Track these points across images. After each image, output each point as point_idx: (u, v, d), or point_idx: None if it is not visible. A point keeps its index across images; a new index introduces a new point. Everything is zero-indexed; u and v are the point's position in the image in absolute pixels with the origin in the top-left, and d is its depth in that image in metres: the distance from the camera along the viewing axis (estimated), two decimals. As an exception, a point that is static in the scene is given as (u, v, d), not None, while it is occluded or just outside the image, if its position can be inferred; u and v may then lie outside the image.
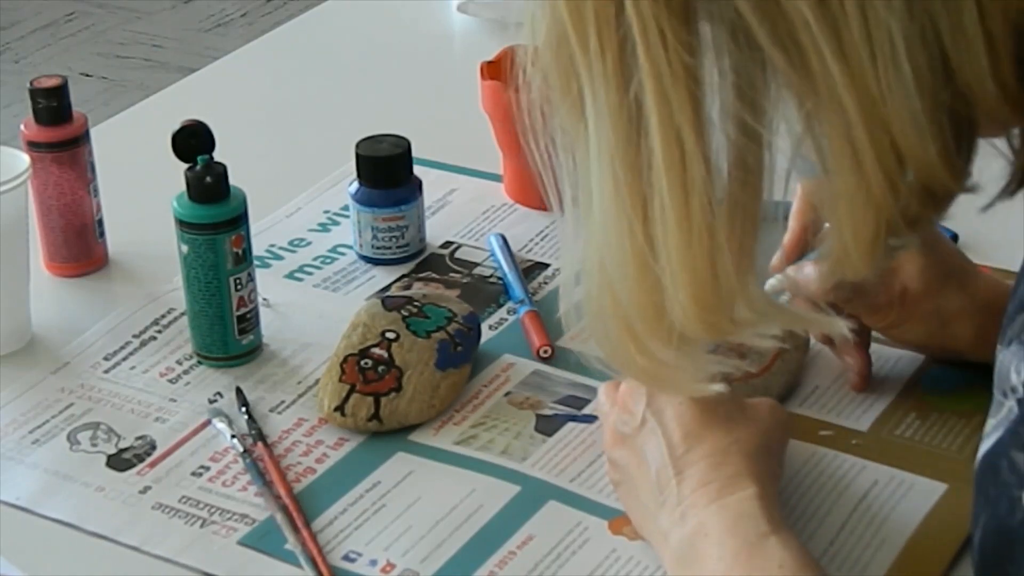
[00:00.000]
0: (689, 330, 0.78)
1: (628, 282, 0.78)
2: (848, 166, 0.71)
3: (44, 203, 1.25)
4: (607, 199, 0.76)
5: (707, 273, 0.75)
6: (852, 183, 0.71)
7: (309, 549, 0.98)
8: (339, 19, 1.72)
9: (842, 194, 0.72)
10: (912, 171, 0.71)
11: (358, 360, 1.10)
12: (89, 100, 3.32)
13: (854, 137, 0.70)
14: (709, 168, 0.73)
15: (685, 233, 0.74)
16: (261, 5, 3.89)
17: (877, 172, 0.71)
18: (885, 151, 0.70)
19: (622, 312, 0.79)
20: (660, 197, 0.74)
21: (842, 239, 0.74)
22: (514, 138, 1.33)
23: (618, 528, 0.99)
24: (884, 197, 0.71)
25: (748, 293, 0.77)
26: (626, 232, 0.76)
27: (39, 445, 1.09)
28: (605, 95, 0.73)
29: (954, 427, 1.06)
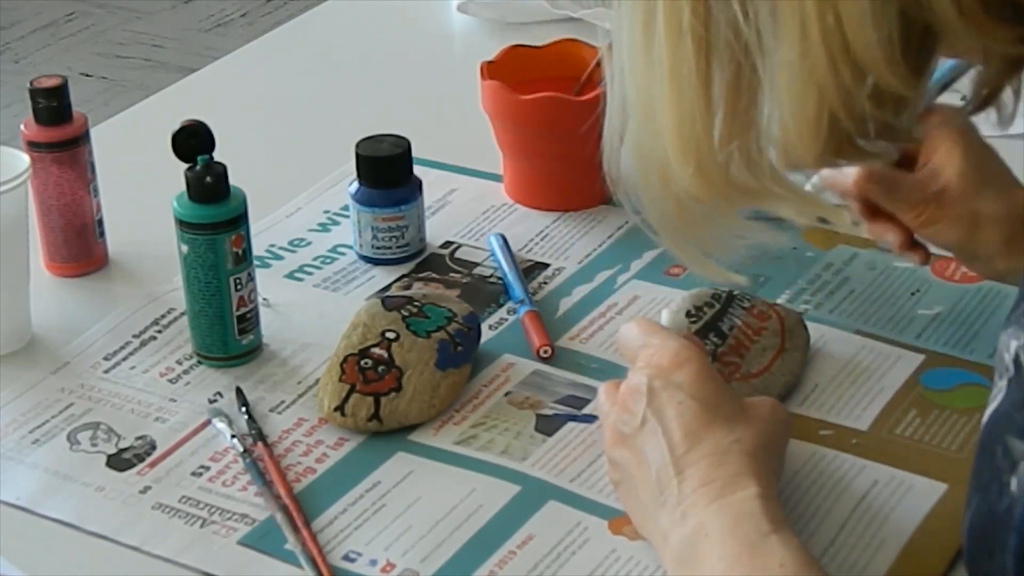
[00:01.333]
0: (684, 181, 0.79)
1: (643, 128, 0.80)
2: (795, 39, 0.72)
3: (44, 203, 1.25)
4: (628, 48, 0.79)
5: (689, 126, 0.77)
6: (796, 57, 0.72)
7: (309, 549, 0.98)
8: (339, 19, 1.72)
9: (785, 66, 0.73)
10: (856, 60, 0.71)
11: (358, 360, 1.10)
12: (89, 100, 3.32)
13: (804, 9, 0.71)
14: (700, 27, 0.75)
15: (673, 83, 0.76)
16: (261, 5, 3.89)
17: (820, 49, 0.71)
18: (831, 29, 0.71)
19: (648, 159, 0.82)
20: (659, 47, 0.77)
21: (783, 118, 0.75)
22: (514, 138, 1.33)
23: (618, 528, 0.99)
24: (827, 79, 0.72)
25: (747, 158, 0.78)
26: (638, 79, 0.79)
27: (39, 445, 1.09)
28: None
29: (954, 425, 1.06)
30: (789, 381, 1.10)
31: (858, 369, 1.12)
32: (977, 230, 1.09)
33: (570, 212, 1.32)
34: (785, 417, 0.99)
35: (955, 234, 1.10)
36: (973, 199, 1.08)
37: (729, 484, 0.91)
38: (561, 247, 1.29)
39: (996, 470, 0.77)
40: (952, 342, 1.14)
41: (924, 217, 1.09)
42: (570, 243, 1.29)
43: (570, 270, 1.25)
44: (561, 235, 1.30)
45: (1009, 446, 0.77)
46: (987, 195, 1.08)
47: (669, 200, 0.83)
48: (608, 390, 1.00)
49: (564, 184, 1.32)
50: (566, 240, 1.29)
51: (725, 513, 0.90)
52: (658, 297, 1.21)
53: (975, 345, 1.14)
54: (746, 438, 0.94)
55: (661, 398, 0.95)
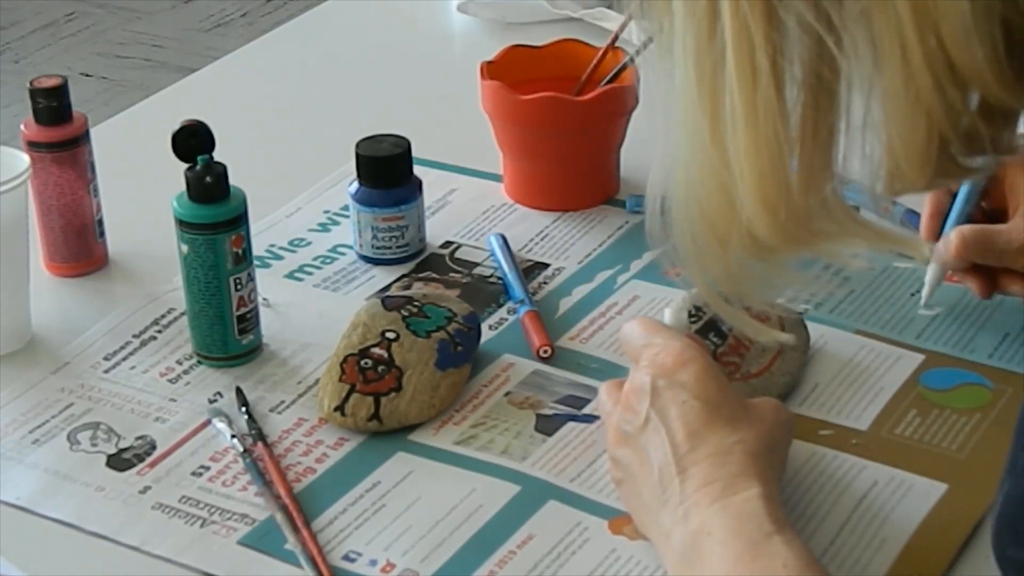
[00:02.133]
0: (762, 235, 0.77)
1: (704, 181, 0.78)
2: (897, 64, 0.70)
3: (44, 203, 1.25)
4: (685, 97, 0.76)
5: (773, 176, 0.75)
6: (900, 82, 0.71)
7: (309, 549, 0.98)
8: (339, 19, 1.72)
9: (890, 94, 0.71)
10: (962, 78, 0.70)
11: (358, 360, 1.10)
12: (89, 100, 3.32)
13: (903, 35, 0.70)
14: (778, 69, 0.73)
15: (752, 129, 0.74)
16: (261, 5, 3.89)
17: (924, 73, 0.70)
18: (933, 52, 0.69)
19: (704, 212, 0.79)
20: (730, 93, 0.74)
21: (891, 145, 0.73)
22: (514, 138, 1.33)
23: (618, 528, 0.99)
24: (933, 101, 0.71)
25: (825, 202, 0.76)
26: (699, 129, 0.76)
27: (39, 445, 1.09)
28: None
29: (954, 425, 1.06)
30: (789, 381, 1.10)
31: (858, 369, 1.12)
32: None
33: (570, 212, 1.32)
34: (788, 418, 0.99)
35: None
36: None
37: (731, 484, 0.91)
38: (561, 247, 1.29)
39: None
40: (952, 342, 1.14)
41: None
42: (570, 243, 1.29)
43: (570, 270, 1.25)
44: (561, 235, 1.30)
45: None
46: None
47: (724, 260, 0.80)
48: (610, 389, 1.00)
49: (564, 184, 1.32)
50: (566, 240, 1.29)
51: (728, 513, 0.90)
52: (658, 297, 1.21)
53: (975, 345, 1.14)
54: (749, 438, 0.94)
55: (664, 397, 0.95)
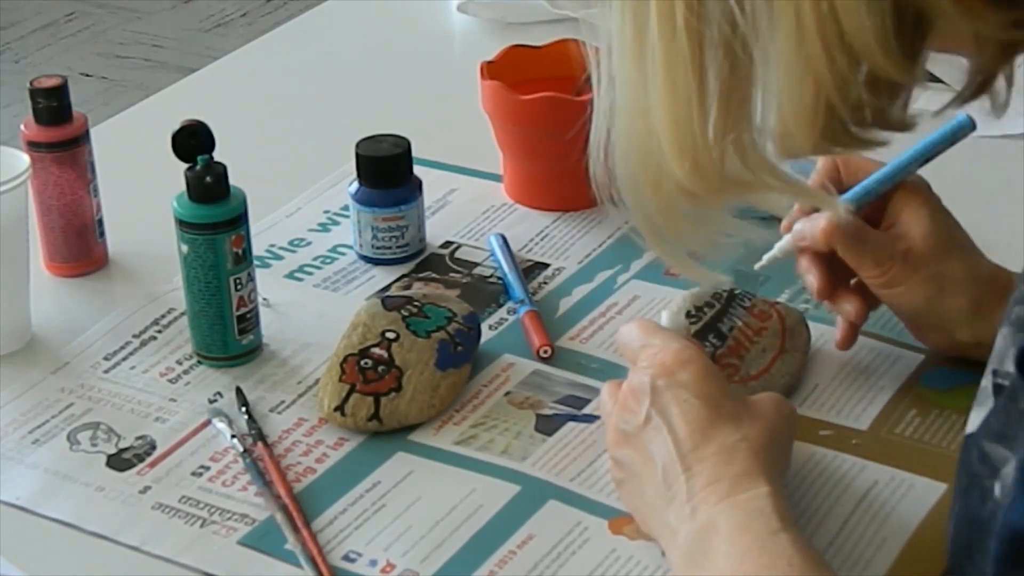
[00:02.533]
0: (679, 177, 0.79)
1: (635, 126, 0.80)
2: (791, 27, 0.72)
3: (44, 203, 1.25)
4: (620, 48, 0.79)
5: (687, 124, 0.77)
6: (792, 45, 0.72)
7: (309, 549, 0.98)
8: (339, 19, 1.72)
9: (782, 56, 0.73)
10: (852, 46, 0.71)
11: (358, 360, 1.10)
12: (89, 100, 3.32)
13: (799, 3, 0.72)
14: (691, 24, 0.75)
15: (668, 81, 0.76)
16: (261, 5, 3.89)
17: (815, 38, 0.71)
18: (825, 18, 0.71)
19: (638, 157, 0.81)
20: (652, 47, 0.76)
21: (781, 106, 0.75)
22: (514, 138, 1.33)
23: (618, 528, 0.99)
24: (822, 67, 0.72)
25: (743, 152, 0.78)
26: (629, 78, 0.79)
27: (39, 445, 1.09)
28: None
29: (954, 425, 1.06)
30: (789, 382, 1.10)
31: (858, 369, 1.12)
32: (941, 294, 1.07)
33: (570, 212, 1.32)
34: (790, 412, 0.99)
35: (919, 296, 1.07)
36: (938, 261, 1.07)
37: (738, 482, 0.91)
38: (561, 247, 1.29)
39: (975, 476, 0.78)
40: (952, 342, 1.14)
41: (888, 276, 1.07)
42: (570, 243, 1.29)
43: (570, 270, 1.25)
44: (561, 235, 1.30)
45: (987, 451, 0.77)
46: (952, 258, 1.07)
47: (658, 201, 0.82)
48: (610, 389, 1.01)
49: (564, 184, 1.32)
50: (566, 240, 1.29)
51: (735, 511, 0.90)
52: (658, 297, 1.21)
53: (975, 345, 1.14)
54: (752, 436, 0.94)
55: (665, 397, 0.95)
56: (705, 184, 0.79)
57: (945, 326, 1.09)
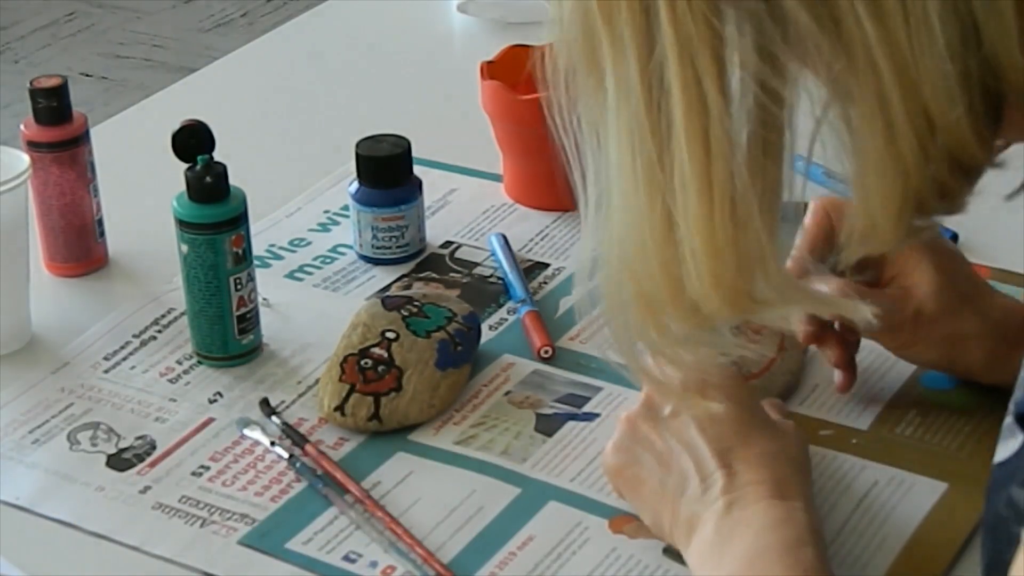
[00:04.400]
0: (708, 306, 0.76)
1: (648, 257, 0.77)
2: (879, 129, 0.71)
3: (44, 203, 1.25)
4: (626, 172, 0.75)
5: (727, 245, 0.74)
6: (882, 147, 0.71)
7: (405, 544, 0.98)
8: (339, 19, 1.72)
9: (871, 160, 0.72)
10: (941, 138, 0.70)
11: (358, 360, 1.10)
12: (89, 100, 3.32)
13: (886, 99, 0.70)
14: (731, 136, 0.72)
15: (707, 202, 0.73)
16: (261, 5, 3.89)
17: (909, 135, 0.70)
18: (917, 114, 0.70)
19: (641, 289, 0.78)
20: (681, 165, 0.73)
21: (869, 209, 0.73)
22: (514, 138, 1.33)
23: (618, 527, 0.99)
24: (914, 163, 0.71)
25: (768, 270, 0.76)
26: (645, 205, 0.75)
27: (39, 445, 1.09)
28: (627, 65, 0.73)
29: (954, 425, 1.06)
30: (789, 381, 1.10)
31: (858, 369, 1.12)
32: (955, 350, 1.05)
33: (570, 212, 1.32)
34: (806, 439, 1.00)
35: (935, 355, 1.06)
36: (951, 320, 1.04)
37: (779, 488, 0.92)
38: (561, 247, 1.29)
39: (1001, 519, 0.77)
40: (952, 342, 1.14)
41: (900, 341, 1.05)
42: (570, 243, 1.29)
43: (570, 270, 1.25)
44: (561, 235, 1.30)
45: (1013, 496, 0.76)
46: (965, 314, 1.04)
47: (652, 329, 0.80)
48: None
49: (564, 184, 1.31)
50: (566, 240, 1.29)
51: (770, 512, 0.90)
52: (658, 297, 1.21)
53: (975, 345, 1.14)
54: (789, 448, 0.95)
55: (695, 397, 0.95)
56: (735, 308, 0.77)
57: (965, 373, 1.07)
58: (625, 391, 1.10)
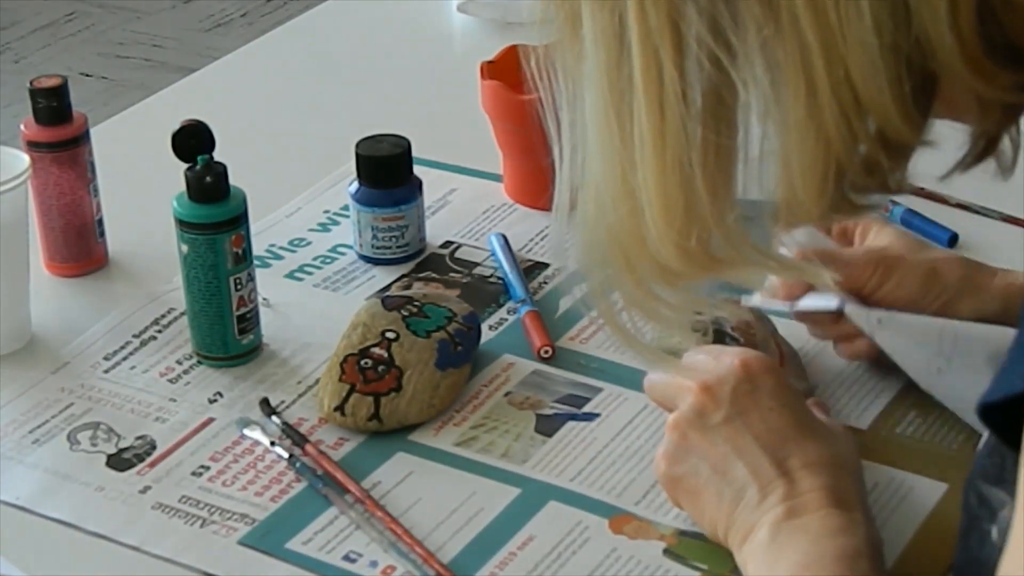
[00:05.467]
0: (666, 258, 0.77)
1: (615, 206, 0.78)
2: (802, 94, 0.71)
3: (44, 203, 1.25)
4: (596, 121, 0.76)
5: (679, 200, 0.75)
6: (804, 113, 0.71)
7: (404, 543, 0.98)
8: (339, 19, 1.72)
9: (793, 125, 0.72)
10: (867, 112, 0.71)
11: (358, 360, 1.10)
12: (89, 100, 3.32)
13: (811, 66, 0.70)
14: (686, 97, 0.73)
15: (659, 157, 0.74)
16: (261, 5, 3.88)
17: (832, 105, 0.71)
18: (840, 84, 0.70)
19: (613, 236, 0.79)
20: (639, 120, 0.74)
21: (789, 174, 0.74)
22: (514, 138, 1.33)
23: (618, 527, 0.99)
24: (836, 133, 0.71)
25: (726, 228, 0.77)
26: (610, 154, 0.76)
27: (39, 445, 1.09)
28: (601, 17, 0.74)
29: (955, 424, 1.06)
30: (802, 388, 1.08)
31: (858, 369, 1.12)
32: (934, 275, 1.06)
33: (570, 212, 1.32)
34: (854, 439, 1.00)
35: (915, 283, 1.07)
36: (920, 251, 1.08)
37: (841, 497, 0.91)
38: (556, 250, 1.28)
39: (975, 518, 0.77)
40: (952, 342, 1.14)
41: (878, 274, 1.06)
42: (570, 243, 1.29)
43: (570, 269, 1.25)
44: (554, 244, 1.30)
45: (985, 494, 0.76)
46: (931, 249, 1.09)
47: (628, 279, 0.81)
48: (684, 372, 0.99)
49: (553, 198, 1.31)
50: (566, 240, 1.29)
51: (829, 520, 0.90)
52: (658, 297, 1.20)
53: (975, 345, 1.14)
54: (842, 454, 0.95)
55: (748, 400, 0.95)
56: (696, 265, 0.78)
57: (946, 308, 1.07)
58: (625, 391, 1.10)
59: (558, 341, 1.16)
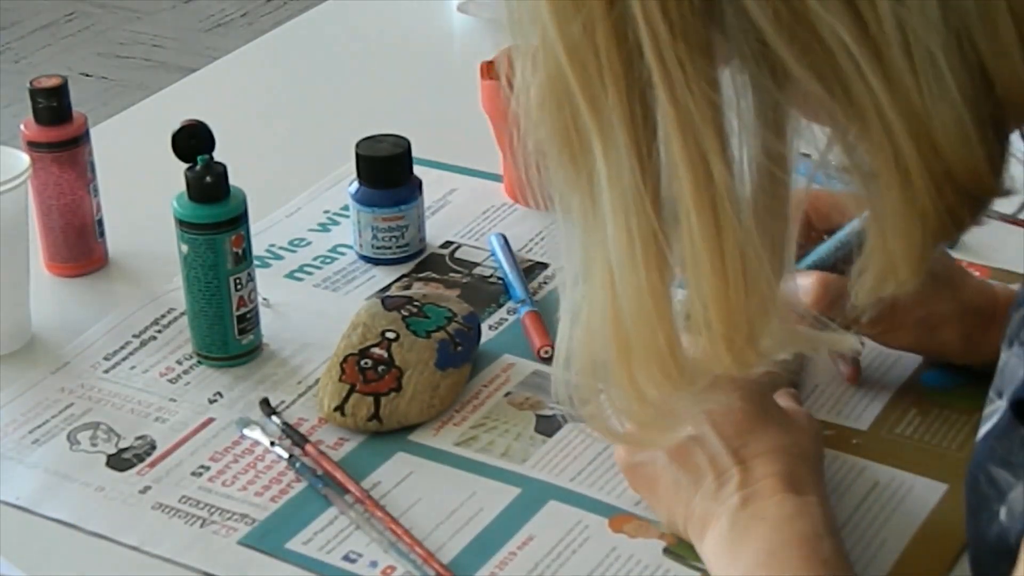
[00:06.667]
0: (715, 363, 0.77)
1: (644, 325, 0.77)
2: (897, 183, 0.70)
3: (44, 203, 1.25)
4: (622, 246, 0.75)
5: (740, 311, 0.75)
6: (900, 198, 0.71)
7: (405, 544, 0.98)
8: (339, 19, 1.72)
9: (890, 210, 0.72)
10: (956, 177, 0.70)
11: (358, 360, 1.10)
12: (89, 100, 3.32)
13: (901, 154, 0.70)
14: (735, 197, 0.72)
15: (719, 272, 0.73)
16: (261, 5, 3.89)
17: (927, 185, 0.70)
18: (932, 164, 0.70)
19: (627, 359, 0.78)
20: (691, 238, 0.73)
21: (889, 254, 0.73)
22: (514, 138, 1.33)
23: (618, 525, 0.99)
24: (932, 207, 0.71)
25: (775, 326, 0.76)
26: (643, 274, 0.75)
27: (39, 445, 1.09)
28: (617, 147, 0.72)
29: (955, 424, 1.06)
30: (792, 379, 1.09)
31: (858, 369, 1.12)
32: (933, 332, 1.07)
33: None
34: (819, 428, 1.00)
35: (913, 338, 1.07)
36: (927, 303, 1.05)
37: (793, 482, 0.92)
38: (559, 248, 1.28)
39: (984, 498, 0.78)
40: (952, 342, 1.14)
41: (880, 328, 1.06)
42: (570, 243, 1.29)
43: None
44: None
45: (994, 475, 0.77)
46: (940, 296, 1.06)
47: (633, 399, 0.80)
48: None
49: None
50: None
51: (786, 505, 0.91)
52: (658, 297, 1.20)
53: (975, 345, 1.14)
54: (801, 443, 0.95)
55: None
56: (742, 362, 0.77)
57: (941, 355, 1.09)
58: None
59: (558, 341, 1.16)
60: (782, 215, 0.75)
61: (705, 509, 0.93)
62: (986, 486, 0.78)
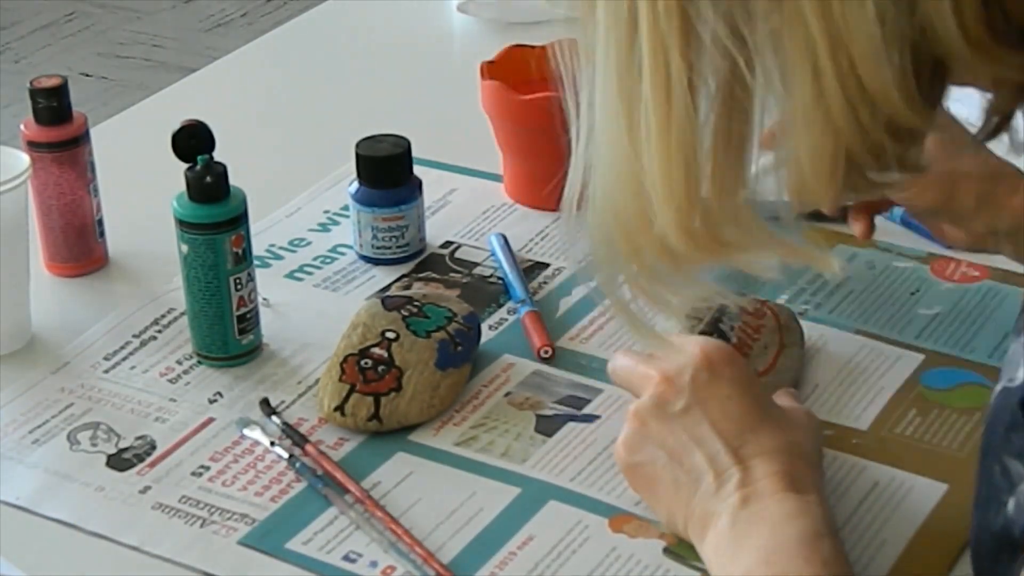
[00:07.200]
0: (673, 243, 0.77)
1: (621, 188, 0.78)
2: (808, 84, 0.71)
3: (44, 203, 1.25)
4: (605, 105, 0.77)
5: (685, 186, 0.75)
6: (810, 102, 0.71)
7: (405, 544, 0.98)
8: (339, 19, 1.72)
9: (800, 113, 0.72)
10: (873, 99, 0.71)
11: (358, 360, 1.10)
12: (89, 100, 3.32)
13: (815, 55, 0.70)
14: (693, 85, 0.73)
15: (664, 144, 0.74)
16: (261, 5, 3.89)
17: (837, 93, 0.71)
18: (845, 72, 0.70)
19: (620, 218, 0.79)
20: (646, 107, 0.74)
21: (798, 160, 0.74)
22: (514, 138, 1.33)
23: (618, 525, 0.99)
24: (842, 121, 0.71)
25: (736, 213, 0.77)
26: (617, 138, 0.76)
27: (39, 445, 1.09)
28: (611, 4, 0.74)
29: (955, 424, 1.06)
30: (794, 376, 1.10)
31: (858, 369, 1.12)
32: (954, 190, 1.11)
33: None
34: (818, 425, 1.00)
35: (933, 195, 1.11)
36: (949, 159, 1.09)
37: (793, 481, 0.92)
38: (561, 247, 1.28)
39: (995, 488, 0.78)
40: (952, 342, 1.14)
41: (913, 190, 1.10)
42: (570, 243, 1.29)
43: (570, 270, 1.25)
44: (561, 235, 1.30)
45: (1008, 467, 0.77)
46: (963, 155, 1.10)
47: (636, 264, 0.81)
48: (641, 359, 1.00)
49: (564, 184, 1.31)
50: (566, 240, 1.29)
51: (785, 504, 0.91)
52: (658, 297, 1.20)
53: (975, 344, 1.14)
54: (800, 442, 0.95)
55: (707, 390, 0.96)
56: (701, 248, 0.78)
57: (959, 219, 1.13)
58: (625, 393, 1.10)
59: (558, 341, 1.16)
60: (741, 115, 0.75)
61: (705, 509, 0.93)
62: (999, 477, 0.78)
